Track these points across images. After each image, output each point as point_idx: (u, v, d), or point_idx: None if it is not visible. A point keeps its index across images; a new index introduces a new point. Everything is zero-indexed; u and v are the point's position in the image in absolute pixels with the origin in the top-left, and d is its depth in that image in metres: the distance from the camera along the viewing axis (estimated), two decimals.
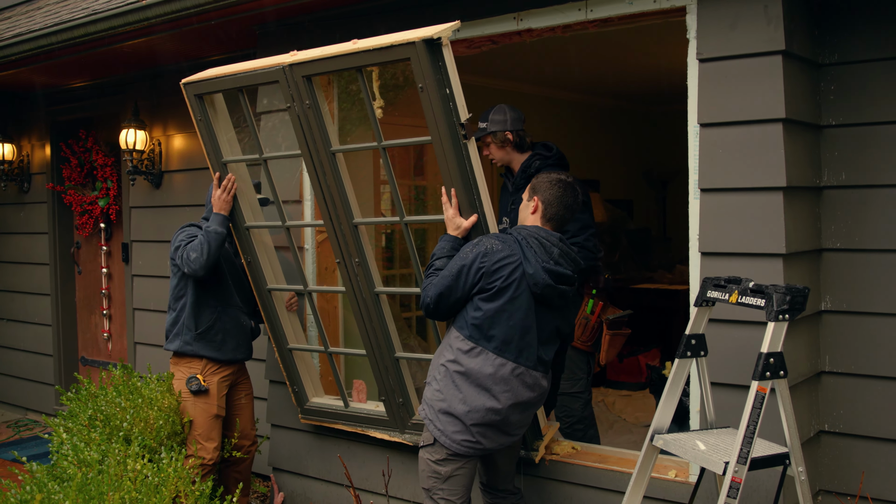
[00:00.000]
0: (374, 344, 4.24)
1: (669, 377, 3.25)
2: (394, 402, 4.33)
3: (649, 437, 3.25)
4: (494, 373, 3.43)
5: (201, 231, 4.40)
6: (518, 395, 3.48)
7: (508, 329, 3.44)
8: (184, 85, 4.38)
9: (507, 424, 3.53)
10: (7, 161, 7.73)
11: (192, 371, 4.51)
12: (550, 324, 3.55)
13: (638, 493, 3.28)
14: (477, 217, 3.66)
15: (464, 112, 3.57)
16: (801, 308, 2.91)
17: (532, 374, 3.51)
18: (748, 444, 2.82)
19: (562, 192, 3.59)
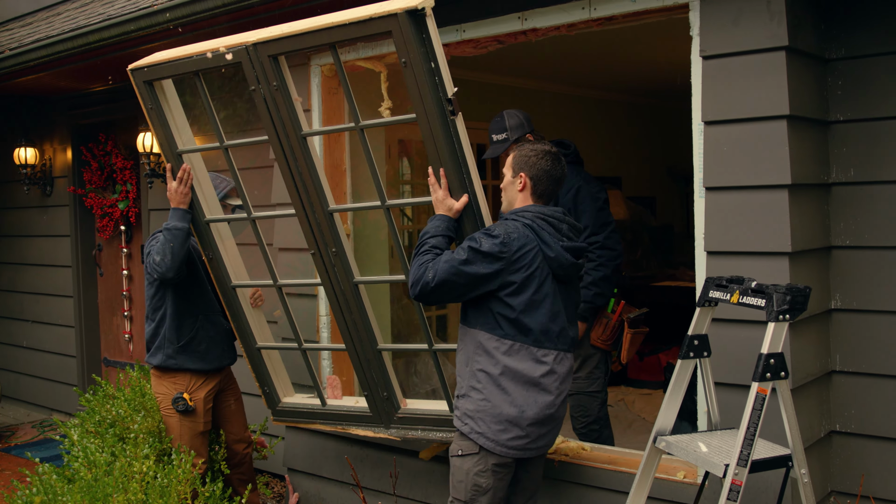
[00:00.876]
0: (356, 337, 4.11)
1: (672, 378, 3.22)
2: (378, 397, 4.20)
3: (652, 439, 3.22)
4: (540, 366, 3.29)
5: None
6: (564, 381, 3.39)
7: (542, 318, 3.30)
8: (130, 71, 4.20)
9: (559, 418, 3.42)
10: (30, 165, 7.83)
11: (177, 388, 4.34)
12: (573, 299, 3.47)
13: (641, 494, 3.25)
14: (468, 197, 3.46)
15: (450, 87, 3.44)
16: (802, 308, 2.87)
17: (569, 357, 3.43)
18: (748, 446, 2.79)
19: (549, 164, 3.40)
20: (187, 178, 4.18)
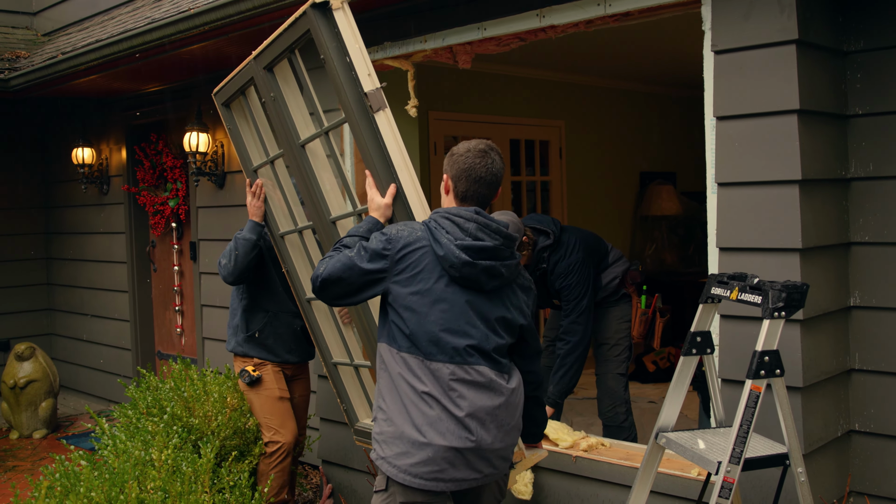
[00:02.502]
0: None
1: (675, 375, 3.22)
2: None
3: (654, 436, 3.22)
4: (435, 380, 2.84)
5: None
6: (474, 401, 2.85)
7: (431, 326, 2.86)
8: (214, 95, 4.49)
9: (483, 450, 2.88)
10: (87, 164, 8.10)
11: (245, 365, 4.62)
12: (489, 312, 2.92)
13: (643, 490, 3.25)
14: (396, 188, 3.24)
15: (370, 81, 3.30)
16: (799, 305, 2.84)
17: (480, 371, 2.87)
18: (741, 443, 2.77)
19: (470, 162, 2.98)
20: (259, 192, 4.41)
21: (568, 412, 6.44)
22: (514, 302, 2.99)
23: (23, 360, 7.43)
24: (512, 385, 2.95)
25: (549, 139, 8.95)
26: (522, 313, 3.02)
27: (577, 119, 9.04)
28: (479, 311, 2.91)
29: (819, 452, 3.53)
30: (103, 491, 3.33)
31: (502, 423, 2.91)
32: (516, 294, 3.01)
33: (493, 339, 2.91)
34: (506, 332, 2.96)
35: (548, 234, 4.71)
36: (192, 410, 4.48)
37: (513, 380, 2.96)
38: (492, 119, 8.35)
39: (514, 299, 3.00)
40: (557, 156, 8.98)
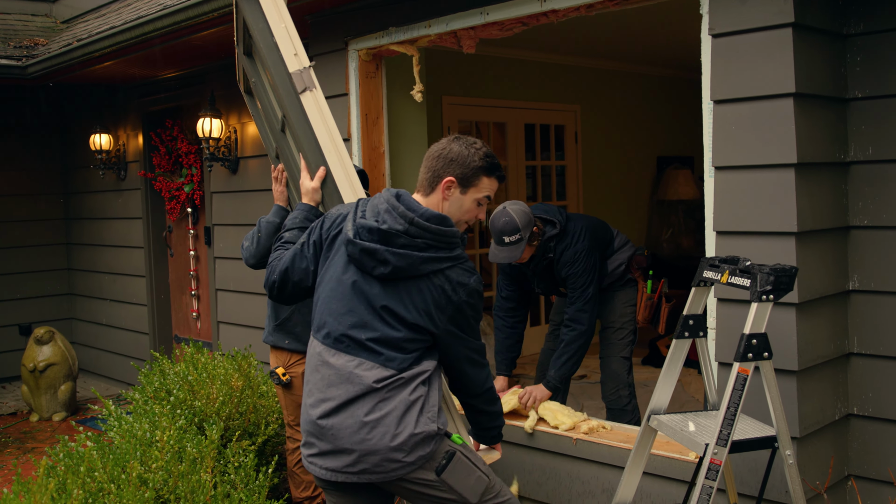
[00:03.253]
0: None
1: (667, 358, 3.23)
2: None
3: (646, 418, 3.24)
4: (310, 357, 2.88)
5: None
6: (323, 389, 2.78)
7: (322, 301, 2.86)
8: (238, 83, 4.51)
9: (328, 434, 2.75)
10: (105, 150, 8.20)
11: (277, 362, 4.53)
12: (376, 299, 2.76)
13: (635, 472, 3.28)
14: (325, 171, 3.21)
15: (295, 61, 3.23)
16: (788, 288, 2.85)
17: (341, 357, 2.77)
18: (728, 426, 2.79)
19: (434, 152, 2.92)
20: (280, 177, 4.32)
21: (579, 395, 6.46)
22: (416, 300, 2.74)
23: (42, 343, 7.55)
24: (386, 381, 2.72)
25: (565, 123, 8.93)
26: (429, 317, 2.74)
27: (592, 103, 9.02)
28: (366, 296, 2.77)
29: (815, 436, 3.53)
30: (106, 471, 3.40)
31: (362, 419, 2.70)
32: (425, 294, 2.74)
33: (380, 327, 2.74)
34: (400, 324, 2.75)
35: (554, 223, 4.71)
36: (195, 393, 4.55)
37: (397, 376, 2.74)
38: (507, 104, 8.35)
39: (417, 298, 2.74)
40: (573, 140, 8.96)
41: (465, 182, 2.88)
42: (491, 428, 3.13)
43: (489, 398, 3.03)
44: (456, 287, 2.77)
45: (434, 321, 2.76)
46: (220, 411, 4.51)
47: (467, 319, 2.82)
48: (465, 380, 2.94)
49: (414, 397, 2.74)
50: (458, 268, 2.79)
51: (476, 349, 2.91)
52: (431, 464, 2.77)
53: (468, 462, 2.85)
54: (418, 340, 2.77)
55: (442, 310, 2.76)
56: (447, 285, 2.76)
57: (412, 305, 2.75)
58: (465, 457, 2.86)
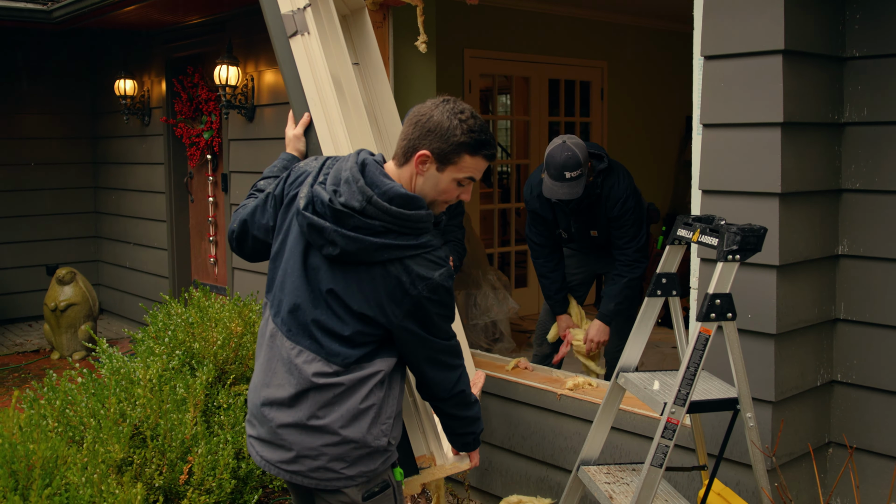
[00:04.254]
0: None
1: (639, 316, 3.21)
2: None
3: (615, 376, 3.22)
4: (263, 327, 2.62)
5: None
6: (269, 372, 2.54)
7: (279, 271, 2.57)
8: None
9: (268, 424, 2.52)
10: (129, 96, 8.27)
11: None
12: (321, 281, 2.46)
13: (602, 429, 3.28)
14: (308, 119, 2.98)
15: (288, 2, 3.08)
16: (755, 249, 2.80)
17: (287, 346, 2.49)
18: (687, 385, 2.76)
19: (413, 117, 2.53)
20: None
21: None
22: (366, 288, 2.41)
23: (64, 284, 7.71)
24: (328, 378, 2.45)
25: (591, 80, 8.82)
26: (380, 308, 2.41)
27: (619, 60, 8.88)
28: (313, 276, 2.47)
29: (794, 400, 3.49)
30: (88, 406, 3.48)
31: (305, 422, 2.46)
32: (377, 283, 2.41)
33: (324, 313, 2.45)
34: (346, 313, 2.44)
35: (601, 157, 4.58)
36: (195, 336, 4.63)
37: (344, 374, 2.45)
38: (531, 58, 8.26)
39: (368, 286, 2.41)
40: (599, 97, 8.85)
41: (442, 159, 2.46)
42: (464, 434, 2.79)
43: (460, 402, 2.67)
44: (415, 280, 2.39)
45: (386, 314, 2.42)
46: (216, 354, 4.58)
47: (430, 317, 2.44)
48: (428, 382, 2.60)
49: (365, 405, 2.45)
50: (421, 258, 2.41)
51: (443, 350, 2.54)
52: (366, 486, 2.51)
53: (393, 501, 2.60)
54: (368, 334, 2.44)
55: (397, 303, 2.40)
56: (405, 277, 2.39)
57: (360, 293, 2.41)
58: (395, 497, 2.60)
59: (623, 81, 8.92)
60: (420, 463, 2.88)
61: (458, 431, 2.77)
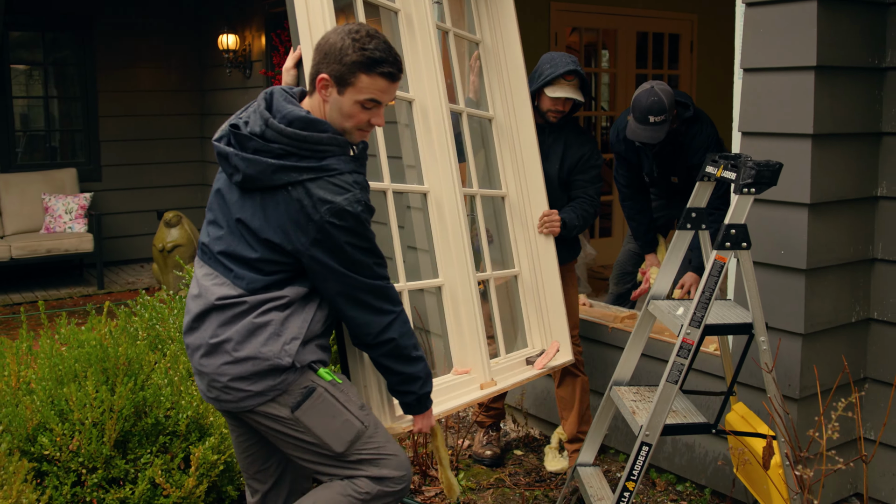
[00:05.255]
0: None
1: (669, 249, 3.42)
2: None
3: (646, 303, 3.45)
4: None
5: None
6: (190, 297, 2.55)
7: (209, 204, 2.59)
8: None
9: (189, 352, 2.54)
10: (232, 50, 8.76)
11: None
12: (233, 210, 2.45)
13: (633, 353, 3.51)
14: (299, 52, 2.78)
15: None
16: (770, 183, 2.98)
17: (203, 268, 2.53)
18: (702, 309, 2.98)
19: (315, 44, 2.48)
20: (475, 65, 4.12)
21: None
22: (270, 214, 2.39)
23: (171, 226, 8.29)
24: (230, 300, 2.43)
25: (680, 33, 8.83)
26: (284, 235, 2.38)
27: (710, 12, 8.86)
28: (227, 205, 2.47)
29: (826, 335, 3.64)
30: (175, 324, 3.89)
31: (208, 341, 2.45)
32: (280, 209, 2.37)
33: (234, 240, 2.44)
34: (254, 240, 2.42)
35: (687, 106, 4.67)
36: None
37: (246, 298, 2.42)
38: (618, 10, 8.33)
39: (272, 212, 2.39)
40: (688, 50, 8.86)
41: (340, 81, 2.40)
42: (402, 392, 2.66)
43: (390, 353, 2.55)
44: (317, 204, 2.33)
45: (291, 240, 2.38)
46: None
47: (340, 247, 2.37)
48: (348, 323, 2.53)
49: (261, 321, 2.41)
50: (324, 181, 2.35)
51: (363, 288, 2.45)
52: (286, 398, 2.44)
53: (334, 402, 2.49)
54: (277, 262, 2.42)
55: (301, 229, 2.36)
56: (307, 200, 2.34)
57: (265, 220, 2.39)
58: (332, 396, 2.49)
59: (713, 35, 8.90)
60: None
61: (396, 388, 2.65)
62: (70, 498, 2.99)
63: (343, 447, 2.49)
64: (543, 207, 3.98)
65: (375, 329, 2.49)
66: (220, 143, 2.44)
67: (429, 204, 3.44)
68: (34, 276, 8.99)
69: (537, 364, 3.83)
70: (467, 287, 3.43)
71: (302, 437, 2.49)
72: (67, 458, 3.01)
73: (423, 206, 3.49)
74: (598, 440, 3.64)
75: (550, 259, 3.99)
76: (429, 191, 3.44)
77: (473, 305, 3.42)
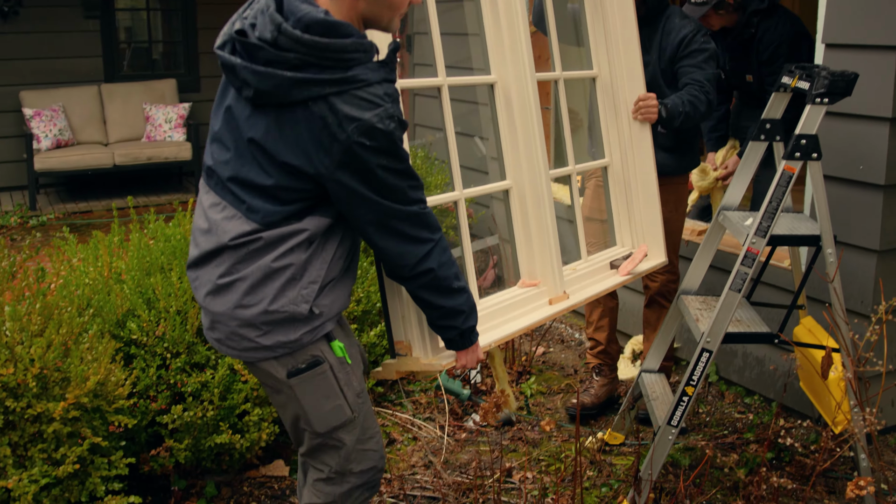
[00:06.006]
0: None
1: (742, 159, 3.39)
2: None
3: (716, 215, 3.45)
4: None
5: None
6: (197, 228, 2.27)
7: (212, 122, 2.25)
8: None
9: (195, 287, 2.29)
10: None
11: None
12: (244, 129, 2.12)
13: (701, 264, 3.51)
14: None
15: None
16: (844, 93, 2.92)
17: (210, 197, 2.23)
18: (769, 219, 2.96)
19: None
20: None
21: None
22: (288, 133, 2.06)
23: None
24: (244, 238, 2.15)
25: None
26: (306, 157, 2.06)
27: None
28: (237, 123, 2.14)
29: None
30: None
31: (216, 281, 2.20)
32: (300, 127, 2.04)
33: (246, 165, 2.13)
34: (270, 164, 2.10)
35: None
36: None
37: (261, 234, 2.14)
38: None
39: (290, 131, 2.06)
40: None
41: None
42: (443, 327, 2.40)
43: (428, 285, 2.28)
44: (343, 121, 2.00)
45: (314, 163, 2.06)
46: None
47: (370, 170, 2.06)
48: (381, 254, 2.26)
49: (279, 264, 2.14)
50: (350, 95, 2.02)
51: (397, 215, 2.16)
52: (289, 360, 2.23)
53: (334, 384, 2.28)
54: (297, 190, 2.12)
55: (325, 150, 2.04)
56: (331, 117, 2.01)
57: (283, 141, 2.07)
58: (334, 375, 2.28)
59: None
60: (397, 349, 2.56)
61: (436, 323, 2.40)
62: (155, 379, 3.20)
63: (324, 430, 2.30)
64: (640, 92, 3.52)
65: (412, 260, 2.22)
66: (223, 51, 2.09)
67: (496, 95, 3.06)
68: (135, 183, 9.36)
69: (622, 270, 3.47)
70: (539, 188, 3.06)
71: (287, 404, 2.31)
72: (153, 343, 3.22)
73: (489, 101, 3.12)
74: (664, 348, 3.69)
75: (645, 150, 3.55)
76: (496, 81, 3.05)
77: (544, 208, 3.07)
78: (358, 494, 2.44)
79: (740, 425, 3.97)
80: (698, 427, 3.98)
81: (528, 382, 4.43)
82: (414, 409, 4.22)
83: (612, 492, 3.44)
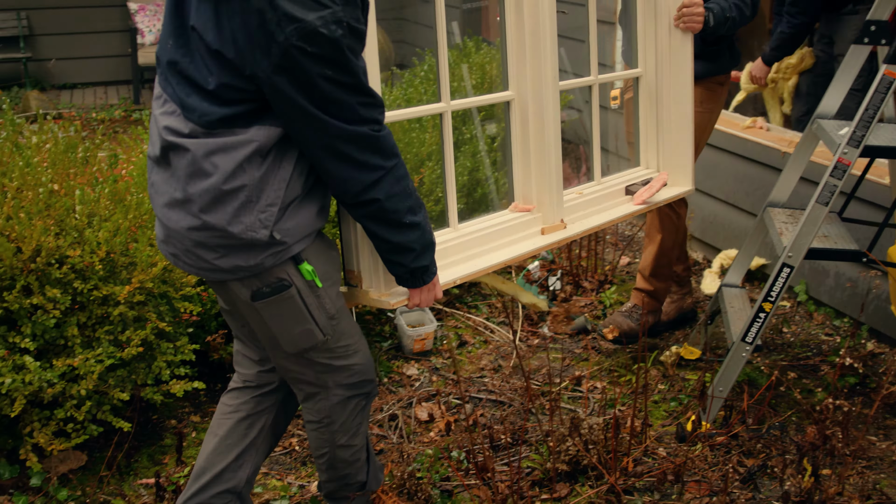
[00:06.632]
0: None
1: (842, 64, 3.15)
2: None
3: (811, 123, 3.23)
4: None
5: None
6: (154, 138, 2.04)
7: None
8: None
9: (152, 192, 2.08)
10: None
11: None
12: (188, 14, 1.92)
13: (792, 175, 3.32)
14: None
15: None
16: None
17: (157, 88, 2.02)
18: (864, 128, 2.75)
19: None
20: None
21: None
22: (224, 22, 1.84)
23: None
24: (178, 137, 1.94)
25: None
26: (238, 52, 1.83)
27: None
28: (182, 8, 1.94)
29: None
30: None
31: (172, 194, 1.99)
32: (236, 18, 1.81)
33: (186, 55, 1.92)
34: (208, 54, 1.88)
35: None
36: None
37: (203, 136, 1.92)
38: None
39: (226, 20, 1.83)
40: None
41: None
42: (392, 263, 2.16)
43: (374, 216, 2.05)
44: (282, 20, 1.76)
45: (246, 61, 1.83)
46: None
47: (311, 80, 1.82)
48: (324, 175, 2.02)
49: (230, 186, 1.91)
50: None
51: (339, 134, 1.90)
52: (254, 281, 2.03)
53: (302, 307, 2.08)
54: (238, 89, 1.87)
55: (262, 50, 1.80)
56: (269, 13, 1.76)
57: (218, 27, 1.85)
58: (302, 300, 2.08)
59: None
60: (348, 278, 2.34)
61: (384, 256, 2.16)
62: None
63: (294, 350, 2.15)
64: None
65: (356, 188, 1.98)
66: None
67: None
68: None
69: (636, 198, 3.11)
70: (545, 98, 2.68)
71: (254, 325, 2.17)
72: None
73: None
74: (748, 262, 3.52)
75: (684, 64, 3.14)
76: None
77: (547, 122, 2.69)
78: (354, 405, 2.32)
79: (826, 348, 3.80)
80: (781, 347, 3.82)
81: (609, 292, 4.33)
82: (489, 313, 4.18)
83: (682, 406, 3.35)
